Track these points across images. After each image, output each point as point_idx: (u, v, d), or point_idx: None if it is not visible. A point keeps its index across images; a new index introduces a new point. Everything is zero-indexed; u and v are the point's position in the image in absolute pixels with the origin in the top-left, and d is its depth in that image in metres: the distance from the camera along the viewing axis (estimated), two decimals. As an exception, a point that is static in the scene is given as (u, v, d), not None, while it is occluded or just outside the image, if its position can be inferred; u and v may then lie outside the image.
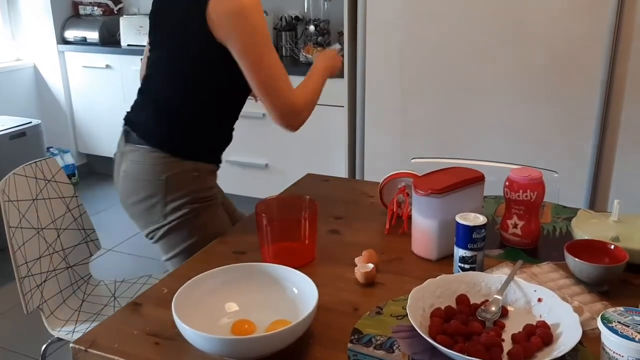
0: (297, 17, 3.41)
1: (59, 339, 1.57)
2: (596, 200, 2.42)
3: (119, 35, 3.81)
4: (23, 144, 3.17)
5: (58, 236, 1.65)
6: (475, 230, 1.13)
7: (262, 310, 1.05)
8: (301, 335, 0.96)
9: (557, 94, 2.36)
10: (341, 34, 3.22)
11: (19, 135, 3.15)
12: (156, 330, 1.04)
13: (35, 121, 3.30)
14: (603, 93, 2.27)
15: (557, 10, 2.27)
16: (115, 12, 4.06)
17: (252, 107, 3.14)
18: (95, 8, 4.00)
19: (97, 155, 4.11)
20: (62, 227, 1.67)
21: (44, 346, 1.65)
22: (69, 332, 1.56)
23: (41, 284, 1.58)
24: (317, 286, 1.01)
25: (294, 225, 1.26)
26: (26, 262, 1.54)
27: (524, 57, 2.37)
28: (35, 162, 1.63)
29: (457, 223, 1.15)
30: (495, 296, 1.05)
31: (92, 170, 4.24)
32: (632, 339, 0.84)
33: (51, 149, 3.98)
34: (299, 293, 1.06)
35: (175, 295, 0.99)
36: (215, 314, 1.05)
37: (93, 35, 3.86)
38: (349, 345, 0.98)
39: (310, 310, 0.95)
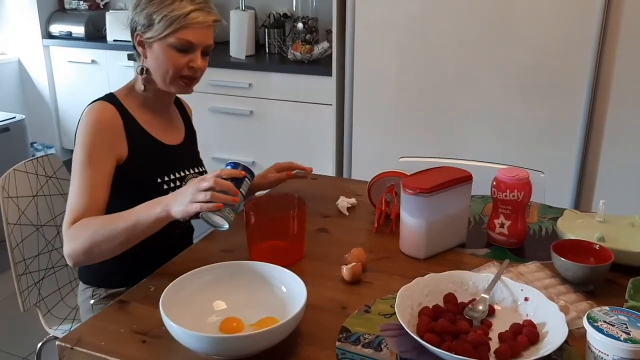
0: (285, 15, 3.40)
1: (56, 338, 1.55)
2: (581, 201, 2.44)
3: (105, 30, 3.77)
4: (7, 140, 3.13)
5: (58, 233, 1.63)
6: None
7: (250, 309, 1.05)
8: (289, 333, 0.96)
9: (544, 95, 2.37)
10: (329, 31, 3.22)
11: (2, 130, 3.11)
12: (143, 328, 1.03)
13: (19, 116, 3.25)
14: (589, 95, 2.29)
15: (544, 12, 2.29)
16: (101, 7, 4.02)
17: (237, 104, 3.14)
18: (81, 2, 3.95)
19: (82, 151, 4.07)
20: (62, 224, 1.65)
21: (39, 344, 1.61)
22: (66, 330, 1.54)
23: (39, 281, 1.57)
24: (306, 285, 1.01)
25: (282, 224, 1.26)
26: (24, 260, 1.52)
27: (512, 59, 2.38)
28: (37, 158, 1.60)
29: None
30: (483, 295, 1.06)
31: (77, 166, 4.19)
32: (618, 338, 0.85)
33: (35, 145, 3.93)
34: (287, 291, 1.06)
35: (163, 293, 0.99)
36: (203, 312, 1.04)
37: (79, 30, 3.81)
38: (337, 343, 0.98)
39: (299, 309, 0.95)
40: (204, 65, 1.38)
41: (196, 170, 1.50)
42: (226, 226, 1.15)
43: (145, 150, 1.38)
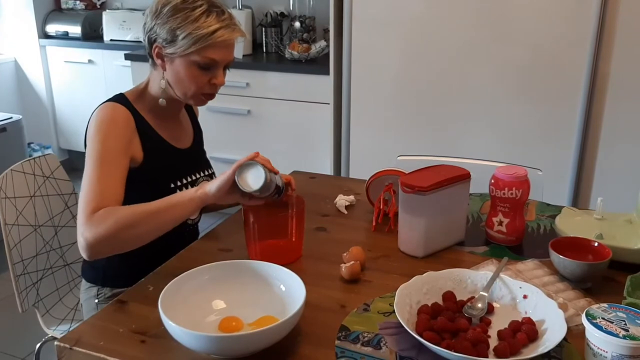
0: (282, 13, 3.39)
1: (54, 338, 1.54)
2: (579, 198, 2.45)
3: (102, 29, 3.76)
4: (4, 140, 3.12)
5: (56, 233, 1.63)
6: None
7: (249, 308, 1.05)
8: (289, 332, 0.95)
9: (542, 93, 2.38)
10: (327, 30, 3.22)
11: (-1, 130, 3.11)
12: (142, 328, 1.03)
13: (16, 116, 3.25)
14: (586, 92, 2.30)
15: (542, 11, 2.29)
16: (98, 7, 4.01)
17: (235, 103, 3.14)
18: (78, 2, 3.94)
19: (78, 152, 4.06)
20: (60, 224, 1.65)
21: (38, 345, 1.60)
22: (65, 331, 1.53)
23: (37, 282, 1.56)
24: (304, 283, 1.01)
25: (281, 223, 1.26)
26: (22, 260, 1.52)
27: (509, 57, 2.38)
28: (34, 158, 1.60)
29: None
30: (481, 293, 1.06)
31: (74, 166, 4.18)
32: (616, 335, 0.85)
33: (32, 145, 3.92)
34: (286, 290, 1.06)
35: (162, 292, 0.99)
36: (202, 311, 1.04)
37: (75, 30, 3.80)
38: (337, 342, 0.98)
39: (298, 308, 0.95)
40: (225, 80, 1.37)
41: (206, 173, 1.50)
42: (261, 180, 1.17)
43: (159, 155, 1.38)
